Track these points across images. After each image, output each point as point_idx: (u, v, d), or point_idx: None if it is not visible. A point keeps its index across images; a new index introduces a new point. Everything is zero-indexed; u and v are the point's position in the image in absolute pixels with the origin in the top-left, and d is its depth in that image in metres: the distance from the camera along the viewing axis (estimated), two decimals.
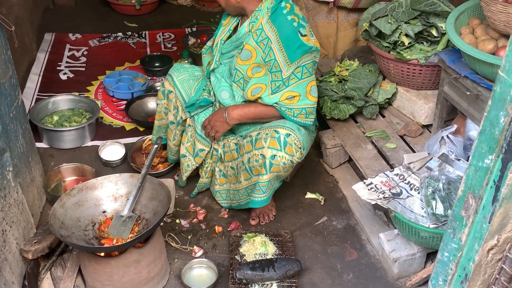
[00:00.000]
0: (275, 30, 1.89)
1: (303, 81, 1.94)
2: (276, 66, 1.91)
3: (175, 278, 1.93)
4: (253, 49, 1.94)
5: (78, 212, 1.82)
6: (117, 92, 2.97)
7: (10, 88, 1.88)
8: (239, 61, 1.98)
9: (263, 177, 1.94)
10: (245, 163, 2.00)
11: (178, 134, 2.25)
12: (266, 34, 1.91)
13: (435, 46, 2.32)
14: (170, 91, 2.17)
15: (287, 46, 1.88)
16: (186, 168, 2.25)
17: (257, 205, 2.02)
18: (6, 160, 1.78)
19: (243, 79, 2.00)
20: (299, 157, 1.93)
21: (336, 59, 3.02)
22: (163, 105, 2.24)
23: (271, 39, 1.90)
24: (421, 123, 2.43)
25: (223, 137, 2.13)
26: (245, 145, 2.00)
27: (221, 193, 2.21)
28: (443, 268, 1.37)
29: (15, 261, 1.77)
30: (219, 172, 2.19)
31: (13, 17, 2.93)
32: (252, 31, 1.94)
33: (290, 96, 1.94)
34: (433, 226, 1.83)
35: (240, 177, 2.05)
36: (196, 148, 2.19)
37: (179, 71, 2.18)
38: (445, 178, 1.87)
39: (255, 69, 1.96)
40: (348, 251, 2.07)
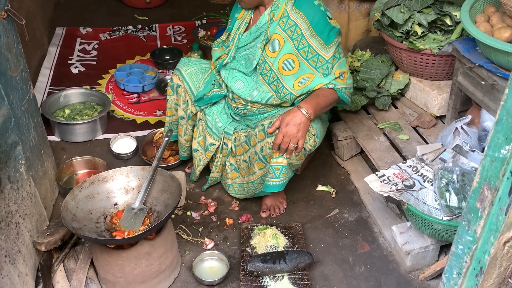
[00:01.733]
0: (303, 16, 1.88)
1: (342, 60, 1.95)
2: (311, 52, 1.89)
3: (187, 270, 1.93)
4: (281, 37, 1.92)
5: (90, 204, 1.83)
6: (127, 85, 2.97)
7: (22, 82, 1.89)
8: (268, 52, 1.94)
9: (278, 160, 1.90)
10: (258, 153, 1.98)
11: (189, 128, 2.24)
12: (293, 20, 1.89)
13: (449, 35, 2.28)
14: (179, 85, 2.16)
15: (320, 31, 1.88)
16: (198, 162, 2.25)
17: (271, 189, 1.98)
18: (18, 153, 1.79)
19: (271, 72, 1.96)
20: (312, 144, 1.90)
21: (347, 50, 2.98)
22: (173, 100, 2.23)
23: (299, 25, 1.88)
24: (435, 114, 2.39)
25: (234, 131, 2.12)
26: (257, 134, 1.98)
27: (234, 186, 2.21)
28: (458, 261, 1.34)
29: (28, 253, 1.79)
30: (230, 167, 2.18)
31: (24, 11, 2.95)
32: (275, 20, 1.91)
33: (341, 73, 1.93)
34: (447, 219, 1.80)
35: (254, 168, 2.04)
36: (206, 142, 2.18)
37: (187, 65, 2.17)
38: (459, 169, 1.84)
39: (286, 62, 1.93)
40: (360, 243, 2.05)
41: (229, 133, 2.12)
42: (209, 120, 2.15)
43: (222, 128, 2.14)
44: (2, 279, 1.58)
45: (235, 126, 2.13)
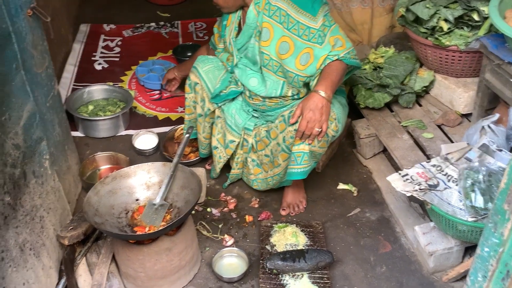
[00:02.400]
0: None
1: (334, 26, 1.93)
2: (301, 27, 1.89)
3: (206, 266, 1.94)
4: (269, 24, 1.93)
5: (112, 200, 1.85)
6: (147, 82, 2.99)
7: (47, 79, 1.92)
8: (262, 43, 1.96)
9: (299, 147, 1.90)
10: (280, 144, 1.97)
11: (207, 126, 2.25)
12: (275, 5, 1.91)
13: (476, 31, 2.21)
14: (196, 83, 2.17)
15: (303, 5, 1.89)
16: (219, 160, 2.25)
17: (293, 176, 1.97)
18: (43, 148, 1.83)
19: (271, 61, 1.97)
20: (334, 129, 1.88)
21: (371, 46, 2.94)
22: (191, 98, 2.23)
23: (283, 7, 1.90)
24: (460, 112, 2.33)
25: (255, 126, 2.11)
26: (277, 126, 1.97)
27: (258, 181, 2.20)
28: (483, 263, 1.31)
29: (52, 247, 1.83)
30: (252, 162, 2.18)
31: (50, 9, 2.99)
32: (260, 10, 1.93)
33: (336, 40, 1.91)
34: (472, 220, 1.76)
35: (278, 160, 2.02)
36: (226, 139, 2.18)
37: (204, 62, 2.18)
38: (485, 169, 1.79)
39: (281, 46, 1.93)
40: (382, 243, 2.02)
41: (250, 129, 2.12)
42: (229, 117, 2.15)
43: (242, 125, 2.14)
44: (27, 272, 1.62)
45: (255, 122, 2.12)
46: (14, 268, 1.54)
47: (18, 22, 1.67)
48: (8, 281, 1.50)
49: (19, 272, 1.57)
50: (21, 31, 1.69)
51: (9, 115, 1.57)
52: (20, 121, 1.66)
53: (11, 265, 1.52)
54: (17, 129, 1.63)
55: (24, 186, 1.65)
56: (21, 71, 1.68)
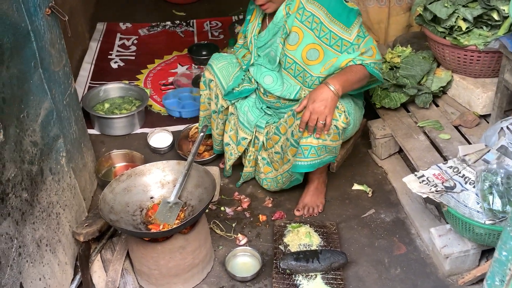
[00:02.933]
0: (319, 5, 1.88)
1: (367, 38, 1.94)
2: (334, 37, 1.89)
3: (220, 265, 1.94)
4: (299, 29, 1.91)
5: (127, 197, 1.87)
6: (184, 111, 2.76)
7: (64, 77, 1.94)
8: (288, 46, 1.95)
9: (307, 140, 1.88)
10: (289, 139, 1.97)
11: (221, 123, 2.25)
12: (309, 11, 1.89)
13: (496, 31, 2.17)
14: (211, 80, 2.18)
15: (338, 15, 1.88)
16: (230, 156, 2.26)
17: (299, 169, 1.95)
18: (60, 145, 1.85)
19: (295, 65, 1.96)
20: (344, 121, 1.85)
21: (387, 46, 2.90)
22: (206, 95, 2.24)
23: (316, 14, 1.88)
24: (478, 113, 2.29)
25: (267, 124, 2.11)
26: (287, 120, 1.97)
27: (267, 181, 2.20)
28: (501, 267, 1.28)
29: (68, 243, 1.85)
30: (262, 161, 2.17)
31: (67, 7, 3.03)
32: (291, 13, 1.91)
33: (367, 49, 1.92)
34: (490, 223, 1.73)
35: (288, 155, 2.02)
36: (238, 136, 2.19)
37: (218, 60, 2.19)
38: (504, 171, 1.75)
39: (310, 52, 1.92)
40: (397, 245, 2.00)
41: (261, 127, 2.12)
42: (241, 114, 2.15)
43: (254, 122, 2.14)
44: (43, 267, 1.64)
45: (267, 120, 2.12)
46: (31, 263, 1.56)
47: (37, 21, 1.69)
48: (25, 275, 1.52)
49: (35, 267, 1.59)
50: (40, 30, 1.71)
51: (27, 113, 1.60)
52: (38, 118, 1.68)
53: (28, 260, 1.55)
54: (35, 127, 1.66)
55: (41, 183, 1.67)
56: (39, 69, 1.70)
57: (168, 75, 3.17)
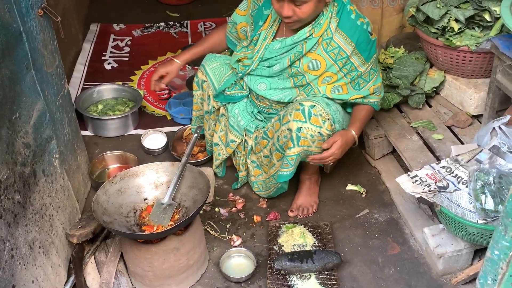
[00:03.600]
0: (347, 39, 1.87)
1: (378, 73, 2.01)
2: (352, 68, 1.93)
3: (214, 266, 1.94)
4: (323, 59, 1.91)
5: (121, 199, 1.86)
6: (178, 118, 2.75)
7: (57, 78, 1.93)
8: (306, 69, 1.94)
9: (291, 150, 1.89)
10: (275, 143, 1.97)
11: (212, 123, 2.25)
12: (337, 43, 1.88)
13: (488, 32, 2.19)
14: (204, 81, 2.18)
15: (363, 50, 1.90)
16: (217, 157, 2.26)
17: (283, 178, 1.98)
18: (53, 147, 1.84)
19: (307, 85, 1.98)
20: (328, 128, 1.86)
21: (380, 46, 2.92)
22: (198, 96, 2.24)
23: (344, 48, 1.88)
24: (471, 113, 2.31)
25: (256, 129, 2.12)
26: (274, 125, 1.98)
27: (258, 184, 2.20)
28: (493, 267, 1.29)
29: (61, 245, 1.84)
30: (252, 164, 2.18)
31: (60, 8, 3.02)
32: (315, 36, 1.88)
33: (376, 90, 2.00)
34: (482, 222, 1.74)
35: (273, 160, 2.03)
36: (228, 138, 2.19)
37: (211, 60, 2.18)
38: (496, 171, 1.77)
39: (326, 78, 1.95)
40: (390, 245, 2.01)
41: (251, 131, 2.12)
42: (231, 117, 2.15)
43: (244, 126, 2.13)
44: (36, 270, 1.63)
45: (257, 125, 2.13)
46: (24, 266, 1.55)
47: (29, 22, 1.68)
48: (18, 278, 1.51)
49: (28, 269, 1.58)
50: (32, 31, 1.70)
51: (19, 114, 1.59)
52: (30, 120, 1.68)
53: (21, 262, 1.54)
54: (27, 128, 1.65)
55: (34, 185, 1.67)
56: (31, 71, 1.70)
57: None
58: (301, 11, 1.78)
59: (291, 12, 1.79)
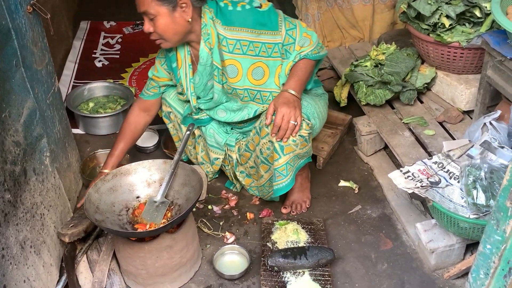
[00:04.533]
0: (238, 28, 1.84)
1: (297, 26, 1.90)
2: (269, 46, 1.87)
3: (207, 263, 1.94)
4: (234, 60, 1.89)
5: (113, 197, 1.85)
6: None
7: (47, 75, 1.91)
8: (231, 80, 1.92)
9: (279, 162, 1.88)
10: (259, 156, 1.96)
11: (191, 148, 2.25)
12: (233, 39, 1.85)
13: (478, 28, 2.20)
14: (169, 112, 2.17)
15: (262, 25, 1.84)
16: (207, 174, 2.26)
17: (282, 191, 1.96)
18: (43, 145, 1.82)
19: (247, 91, 1.94)
20: (306, 128, 1.84)
21: (372, 43, 2.93)
22: (171, 128, 2.25)
23: (242, 38, 1.85)
24: (462, 109, 2.32)
25: (236, 141, 2.10)
26: (253, 138, 1.97)
27: (253, 189, 2.20)
28: (485, 260, 1.30)
29: (53, 244, 1.83)
30: (241, 174, 2.17)
31: (49, 5, 2.99)
32: (213, 47, 1.86)
33: (304, 40, 1.90)
34: (474, 217, 1.75)
35: (260, 171, 2.02)
36: (210, 157, 2.19)
37: (169, 91, 2.14)
38: (487, 166, 1.78)
39: (254, 72, 1.91)
40: (383, 240, 2.02)
41: (232, 145, 2.11)
42: (208, 138, 2.14)
43: (224, 142, 2.13)
44: (27, 269, 1.61)
45: (236, 137, 2.12)
46: (15, 266, 1.54)
47: (18, 19, 1.66)
48: (9, 278, 1.50)
49: (19, 269, 1.56)
50: (21, 28, 1.68)
51: (9, 112, 1.57)
52: (20, 118, 1.66)
53: (12, 262, 1.52)
54: (17, 126, 1.63)
55: (25, 184, 1.65)
56: (21, 68, 1.67)
57: None
58: (157, 27, 1.80)
59: (151, 28, 1.82)
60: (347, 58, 2.85)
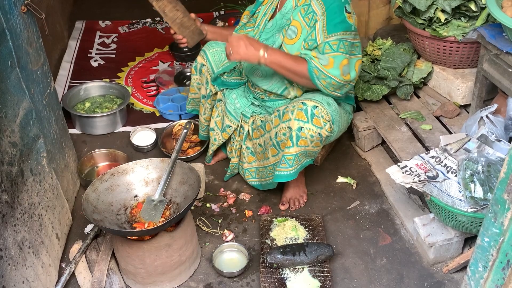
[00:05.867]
0: (322, 4, 1.84)
1: (337, 53, 1.84)
2: (312, 35, 1.87)
3: (206, 261, 1.94)
4: (299, 24, 1.89)
5: (110, 196, 1.84)
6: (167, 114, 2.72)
7: (43, 76, 1.91)
8: (286, 40, 1.92)
9: (290, 150, 1.89)
10: (272, 138, 1.97)
11: (208, 108, 2.26)
12: (312, 8, 1.86)
13: (474, 22, 2.20)
14: (203, 65, 2.20)
15: (330, 19, 1.83)
16: (213, 142, 2.27)
17: (282, 179, 1.96)
18: (40, 146, 1.82)
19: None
20: (328, 130, 1.87)
21: (368, 39, 2.92)
22: (195, 80, 2.26)
23: (317, 12, 1.85)
24: (459, 103, 2.33)
25: (252, 114, 2.11)
26: (272, 120, 1.97)
27: (250, 171, 2.20)
28: (483, 254, 1.31)
29: (51, 245, 1.82)
30: (246, 150, 2.18)
31: (44, 5, 2.97)
32: (299, 5, 1.89)
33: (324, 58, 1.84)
34: (472, 210, 1.75)
35: (268, 153, 2.02)
36: (224, 123, 2.19)
37: (212, 45, 2.21)
38: (484, 160, 1.78)
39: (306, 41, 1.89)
40: (382, 236, 2.02)
41: (247, 116, 2.12)
42: (229, 102, 2.16)
43: (241, 111, 2.14)
44: (26, 270, 1.61)
45: (254, 110, 2.13)
46: (13, 267, 1.53)
47: (12, 19, 1.65)
48: (8, 279, 1.49)
49: (18, 270, 1.56)
50: (16, 28, 1.67)
51: (5, 113, 1.56)
52: (16, 118, 1.65)
53: (10, 263, 1.52)
54: (14, 127, 1.62)
55: (22, 184, 1.64)
56: (16, 68, 1.67)
57: (149, 72, 3.14)
58: None
59: None
60: None
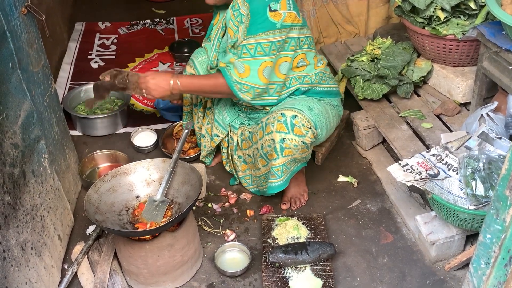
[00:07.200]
0: (247, 5, 1.84)
1: (254, 58, 1.82)
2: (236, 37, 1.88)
3: (209, 261, 1.94)
4: (231, 30, 1.91)
5: (112, 197, 1.85)
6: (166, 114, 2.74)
7: (43, 77, 1.91)
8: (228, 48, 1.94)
9: (276, 162, 1.91)
10: (259, 150, 1.98)
11: (201, 116, 2.27)
12: (240, 11, 1.87)
13: (473, 20, 2.21)
14: (192, 74, 2.19)
15: (253, 20, 1.82)
16: (203, 148, 2.29)
17: (274, 190, 2.00)
18: (41, 147, 1.82)
19: None
20: (311, 137, 1.87)
21: (367, 38, 2.93)
22: None
23: (243, 14, 1.85)
24: (459, 101, 2.33)
25: (240, 125, 2.12)
26: (257, 131, 1.98)
27: (246, 178, 2.20)
28: (486, 250, 1.31)
29: (54, 246, 1.82)
30: (239, 159, 2.18)
31: (44, 7, 2.98)
32: (233, 12, 1.90)
33: (239, 65, 1.83)
34: (473, 208, 1.76)
35: (258, 164, 2.03)
36: (213, 132, 2.20)
37: (199, 54, 2.20)
38: (485, 157, 1.79)
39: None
40: (383, 234, 2.02)
41: (235, 127, 2.13)
42: (217, 112, 2.17)
43: (229, 122, 2.14)
44: (29, 271, 1.61)
45: (242, 121, 2.13)
46: (16, 268, 1.54)
47: (13, 21, 1.65)
48: (11, 280, 1.49)
49: (21, 271, 1.56)
50: (16, 30, 1.68)
51: (6, 114, 1.57)
52: (18, 120, 1.65)
53: (13, 264, 1.52)
54: (15, 128, 1.63)
55: (24, 186, 1.64)
56: (17, 70, 1.67)
57: None
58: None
59: None
60: (343, 53, 2.85)
